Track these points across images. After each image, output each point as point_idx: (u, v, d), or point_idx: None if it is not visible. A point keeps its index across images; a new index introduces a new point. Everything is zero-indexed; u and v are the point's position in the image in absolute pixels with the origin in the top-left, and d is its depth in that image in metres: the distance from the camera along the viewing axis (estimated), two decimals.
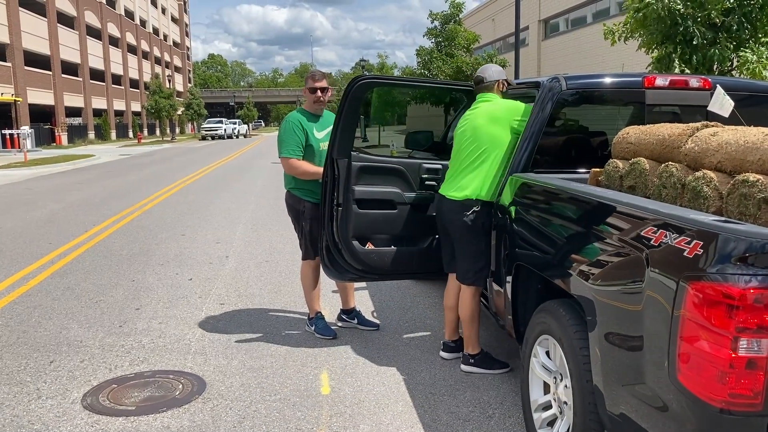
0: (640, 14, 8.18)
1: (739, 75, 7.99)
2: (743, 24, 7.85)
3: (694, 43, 7.86)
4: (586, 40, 29.64)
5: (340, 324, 5.13)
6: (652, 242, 2.22)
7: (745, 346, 1.89)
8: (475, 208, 3.87)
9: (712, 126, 2.81)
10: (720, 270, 1.92)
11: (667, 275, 2.10)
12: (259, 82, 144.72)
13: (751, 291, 1.87)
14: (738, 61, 7.96)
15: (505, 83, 4.12)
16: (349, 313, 5.13)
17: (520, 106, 3.90)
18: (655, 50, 8.73)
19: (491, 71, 4.12)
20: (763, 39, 7.80)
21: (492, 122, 3.88)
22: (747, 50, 7.74)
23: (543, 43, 35.70)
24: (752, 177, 2.28)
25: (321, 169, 4.56)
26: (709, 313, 1.93)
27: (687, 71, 8.18)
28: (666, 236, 2.16)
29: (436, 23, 30.78)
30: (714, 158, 2.58)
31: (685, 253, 2.04)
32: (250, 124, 72.99)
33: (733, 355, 1.89)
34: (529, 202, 3.49)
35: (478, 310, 4.11)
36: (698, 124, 2.85)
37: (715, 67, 8.17)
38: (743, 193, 2.30)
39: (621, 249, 2.43)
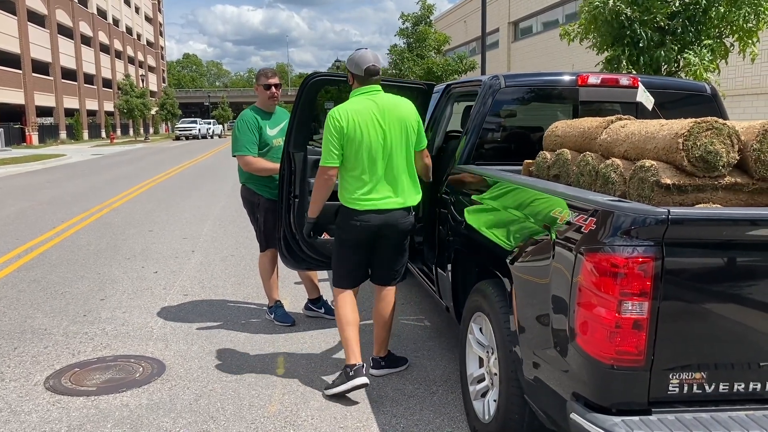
0: (590, 15, 8.55)
1: (685, 76, 8.38)
2: (687, 27, 8.25)
3: (641, 45, 8.24)
4: (554, 42, 30.07)
5: (307, 313, 5.31)
6: (558, 221, 2.48)
7: (629, 308, 2.15)
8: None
9: (625, 119, 3.08)
10: (610, 243, 2.18)
11: (569, 249, 2.35)
12: (235, 83, 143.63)
13: (637, 260, 2.13)
14: (683, 62, 8.35)
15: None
16: (315, 302, 5.31)
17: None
18: (606, 51, 9.11)
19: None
20: (705, 41, 8.19)
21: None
22: (690, 52, 8.13)
23: (513, 44, 36.20)
24: (648, 163, 2.55)
25: (276, 165, 4.77)
26: (599, 281, 2.19)
27: (634, 72, 8.55)
28: (569, 215, 2.42)
29: (408, 24, 31.06)
30: (622, 147, 2.86)
31: (582, 229, 2.30)
32: (225, 124, 72.64)
33: (619, 317, 2.15)
34: (466, 191, 3.74)
35: None
36: (612, 117, 3.13)
37: (663, 68, 8.55)
38: (641, 177, 2.56)
39: (536, 229, 2.68)
